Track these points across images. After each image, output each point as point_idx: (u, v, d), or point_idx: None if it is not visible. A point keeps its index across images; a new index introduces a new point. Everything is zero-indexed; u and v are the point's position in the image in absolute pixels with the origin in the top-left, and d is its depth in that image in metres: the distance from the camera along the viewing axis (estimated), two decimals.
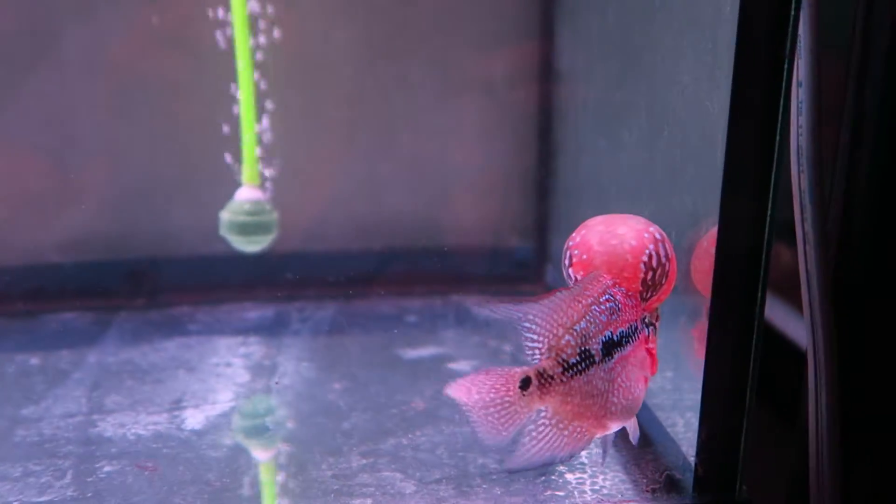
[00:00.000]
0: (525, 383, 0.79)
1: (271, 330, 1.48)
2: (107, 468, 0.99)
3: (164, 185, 1.62)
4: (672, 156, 1.05)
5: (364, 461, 1.00)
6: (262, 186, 1.50)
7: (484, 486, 0.94)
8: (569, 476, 0.97)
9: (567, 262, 0.89)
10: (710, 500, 0.89)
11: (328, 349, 1.39)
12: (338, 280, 1.66)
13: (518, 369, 0.79)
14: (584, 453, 1.00)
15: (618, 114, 1.29)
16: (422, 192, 1.70)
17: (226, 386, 1.24)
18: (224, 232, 1.47)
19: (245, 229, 1.46)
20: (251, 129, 1.46)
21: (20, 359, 1.32)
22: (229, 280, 1.65)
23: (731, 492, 0.89)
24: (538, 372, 0.79)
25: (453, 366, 1.30)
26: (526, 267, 1.71)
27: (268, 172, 1.52)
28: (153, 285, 1.65)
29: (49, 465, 0.99)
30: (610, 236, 0.87)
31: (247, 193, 1.47)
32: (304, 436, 1.09)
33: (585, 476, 0.97)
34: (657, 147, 1.10)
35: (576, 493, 0.93)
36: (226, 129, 1.49)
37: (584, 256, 0.87)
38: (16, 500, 0.92)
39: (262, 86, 1.48)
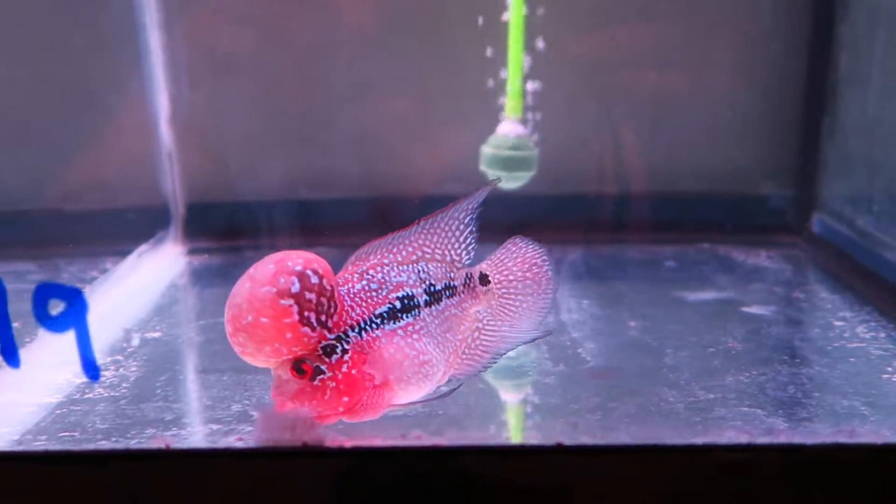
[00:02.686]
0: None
1: None
2: (442, 388, 0.98)
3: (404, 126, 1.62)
4: None
5: (711, 395, 0.95)
6: (523, 121, 1.47)
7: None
8: None
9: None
10: None
11: (601, 289, 1.34)
12: (577, 224, 1.62)
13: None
14: None
15: None
16: (664, 133, 1.62)
17: None
18: (486, 166, 1.44)
19: (509, 164, 1.43)
20: (518, 61, 1.42)
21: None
22: None
23: None
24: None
25: (748, 310, 1.23)
26: (782, 216, 1.61)
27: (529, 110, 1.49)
28: (392, 222, 1.65)
29: None
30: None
31: (509, 128, 1.45)
32: (632, 368, 1.04)
33: None
34: None
35: None
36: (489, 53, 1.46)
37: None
38: None
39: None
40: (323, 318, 0.73)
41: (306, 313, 0.72)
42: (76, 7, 1.40)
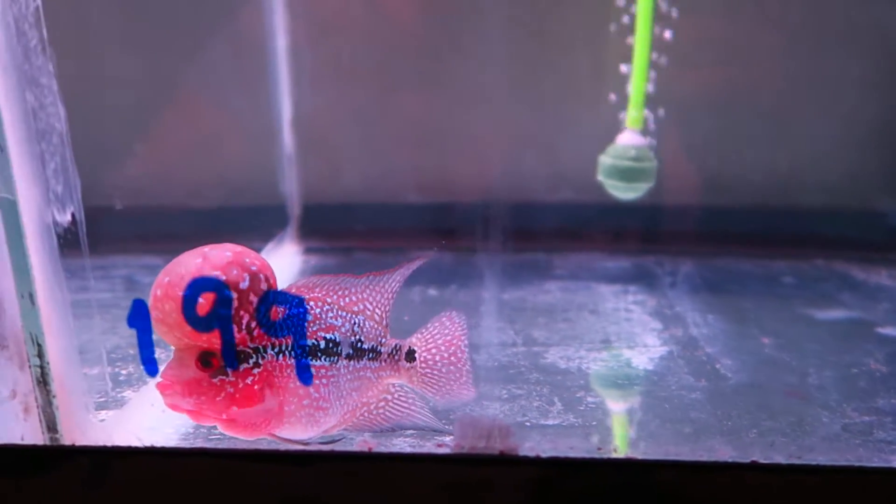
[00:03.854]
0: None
1: (644, 280, 1.44)
2: (589, 399, 0.99)
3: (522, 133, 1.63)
4: None
5: (867, 418, 0.94)
6: (644, 132, 1.46)
7: None
8: None
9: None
10: None
11: (723, 303, 1.33)
12: (690, 235, 1.61)
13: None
14: None
15: None
16: (782, 146, 1.60)
17: (644, 331, 1.21)
18: (604, 176, 1.44)
19: (628, 175, 1.43)
20: (643, 72, 1.42)
21: (418, 289, 1.37)
22: (580, 228, 1.63)
23: None
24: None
25: (884, 331, 1.21)
26: None
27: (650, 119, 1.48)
28: (501, 229, 1.66)
29: (530, 391, 1.01)
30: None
31: (630, 138, 1.45)
32: (771, 386, 1.02)
33: None
34: None
35: None
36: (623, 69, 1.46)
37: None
38: (524, 419, 0.93)
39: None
40: (253, 324, 0.73)
41: (241, 313, 0.71)
42: (211, 12, 1.45)
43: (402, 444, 0.78)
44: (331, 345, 0.77)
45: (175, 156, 1.50)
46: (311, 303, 0.77)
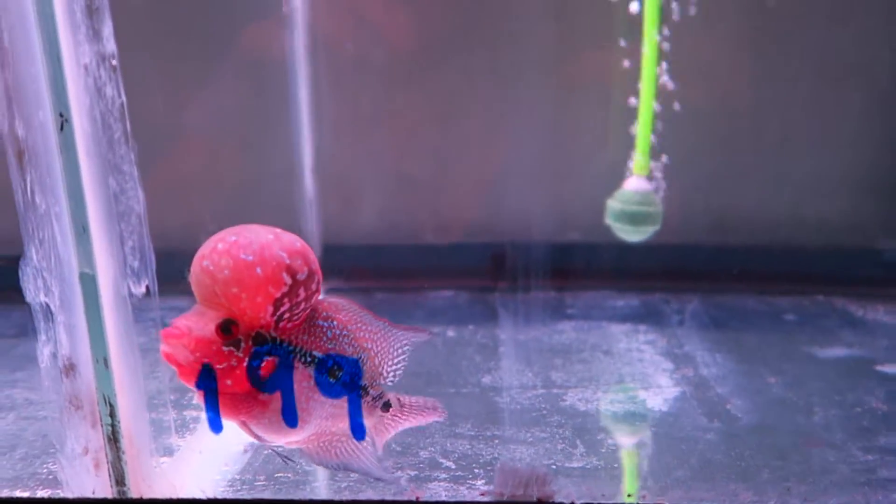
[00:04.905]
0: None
1: (653, 320, 1.51)
2: (609, 441, 1.05)
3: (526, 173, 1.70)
4: None
5: (871, 456, 1.00)
6: (650, 178, 1.53)
7: None
8: None
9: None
10: None
11: (730, 342, 1.39)
12: (695, 274, 1.67)
13: None
14: None
15: None
16: (783, 185, 1.67)
17: (656, 371, 1.27)
18: (612, 220, 1.51)
19: (635, 219, 1.50)
20: (648, 121, 1.49)
21: (438, 330, 1.42)
22: (588, 267, 1.70)
23: None
24: None
25: (883, 369, 1.27)
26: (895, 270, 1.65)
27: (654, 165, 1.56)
28: (514, 269, 1.73)
29: (553, 434, 1.06)
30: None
31: (636, 184, 1.52)
32: (780, 426, 1.08)
33: None
34: None
35: None
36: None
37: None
38: (550, 462, 0.98)
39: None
40: (286, 315, 0.74)
41: (286, 300, 0.72)
42: (239, 57, 1.52)
43: (442, 493, 0.83)
44: (335, 368, 0.80)
45: (200, 199, 1.56)
46: (335, 322, 0.79)
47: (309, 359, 0.76)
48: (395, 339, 0.84)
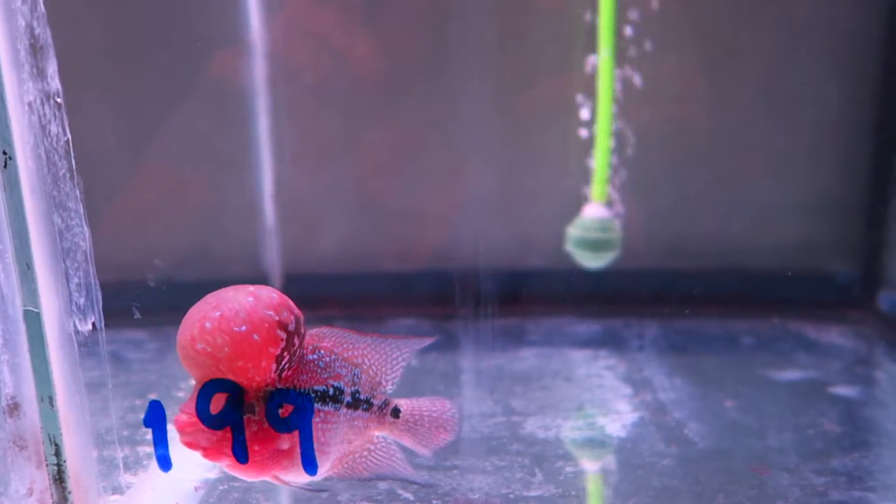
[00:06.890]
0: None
1: (613, 345, 1.52)
2: (567, 468, 1.05)
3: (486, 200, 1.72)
4: None
5: (823, 478, 1.02)
6: (608, 204, 1.56)
7: None
8: None
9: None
10: None
11: (688, 366, 1.41)
12: (654, 298, 1.69)
13: None
14: None
15: None
16: (738, 210, 1.71)
17: (616, 397, 1.28)
18: (572, 247, 1.53)
19: (595, 246, 1.52)
20: (605, 148, 1.51)
21: None
22: (548, 293, 1.71)
23: None
24: None
25: (835, 391, 1.30)
26: (848, 292, 1.68)
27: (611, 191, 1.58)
28: (476, 296, 1.73)
29: (512, 462, 1.06)
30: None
31: (595, 211, 1.54)
32: (736, 450, 1.09)
33: None
34: None
35: None
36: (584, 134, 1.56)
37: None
38: (508, 492, 0.98)
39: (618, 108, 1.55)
40: (287, 365, 0.76)
41: (285, 354, 0.74)
42: (200, 85, 1.52)
43: None
44: (337, 392, 0.82)
45: (159, 231, 1.55)
46: (322, 351, 0.82)
47: (311, 396, 0.78)
48: (386, 350, 0.88)
